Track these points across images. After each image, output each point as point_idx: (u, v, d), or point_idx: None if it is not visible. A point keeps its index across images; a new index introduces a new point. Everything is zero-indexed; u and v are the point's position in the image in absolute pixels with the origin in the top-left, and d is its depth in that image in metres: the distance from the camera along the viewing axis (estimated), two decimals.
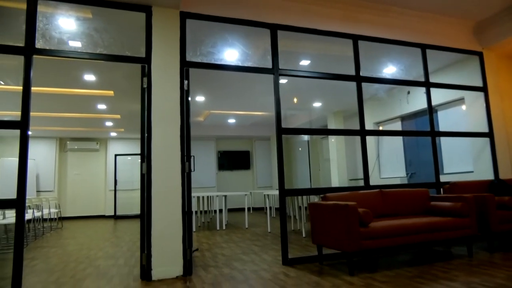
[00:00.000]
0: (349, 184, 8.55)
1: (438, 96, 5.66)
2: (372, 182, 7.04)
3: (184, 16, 3.58)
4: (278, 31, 3.95)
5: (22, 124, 2.96)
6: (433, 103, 4.95)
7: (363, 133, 4.22)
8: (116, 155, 10.90)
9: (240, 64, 4.08)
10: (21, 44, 3.07)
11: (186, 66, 3.53)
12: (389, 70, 5.62)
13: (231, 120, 9.75)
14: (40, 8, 3.24)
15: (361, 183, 4.20)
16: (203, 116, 8.95)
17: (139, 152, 11.06)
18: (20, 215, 2.88)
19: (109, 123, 8.88)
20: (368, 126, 7.47)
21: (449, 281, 2.82)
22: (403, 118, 6.91)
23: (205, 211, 9.94)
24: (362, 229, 3.16)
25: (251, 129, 10.83)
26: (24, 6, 3.12)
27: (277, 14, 3.98)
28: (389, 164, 7.29)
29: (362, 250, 3.13)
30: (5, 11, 3.41)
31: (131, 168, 11.03)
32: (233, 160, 11.61)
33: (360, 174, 8.50)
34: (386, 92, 6.99)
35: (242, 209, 11.24)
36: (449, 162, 5.81)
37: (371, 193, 3.91)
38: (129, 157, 11.06)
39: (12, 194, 9.00)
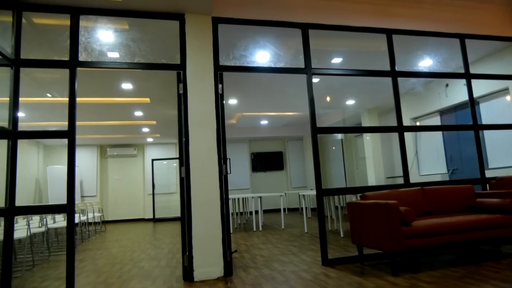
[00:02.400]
0: (386, 182, 8.33)
1: (480, 87, 5.40)
2: (411, 179, 6.83)
3: (216, 21, 3.65)
4: (309, 30, 3.93)
5: (70, 134, 3.14)
6: (475, 95, 4.72)
7: (401, 129, 4.10)
8: (153, 160, 11.24)
9: (272, 65, 4.10)
10: (66, 58, 3.25)
11: (219, 70, 3.59)
12: (426, 63, 5.43)
13: (264, 122, 9.79)
14: (82, 23, 3.43)
15: (399, 181, 4.09)
16: (236, 118, 9.05)
17: (174, 156, 11.38)
18: (70, 219, 3.04)
19: (145, 129, 9.19)
20: (405, 122, 7.26)
21: (502, 282, 2.68)
22: (442, 112, 6.64)
23: (241, 213, 10.03)
24: (404, 228, 3.07)
25: (284, 130, 10.82)
26: (67, 22, 3.30)
27: (308, 13, 3.96)
28: (429, 160, 7.03)
29: (405, 249, 3.04)
30: (49, 28, 3.62)
31: (167, 172, 11.34)
32: (267, 161, 11.63)
33: (398, 172, 8.26)
34: (423, 86, 6.75)
35: (277, 210, 11.23)
36: (494, 157, 5.52)
37: (411, 191, 3.80)
38: (165, 162, 11.38)
39: (59, 199, 9.54)
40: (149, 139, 10.79)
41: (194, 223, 3.33)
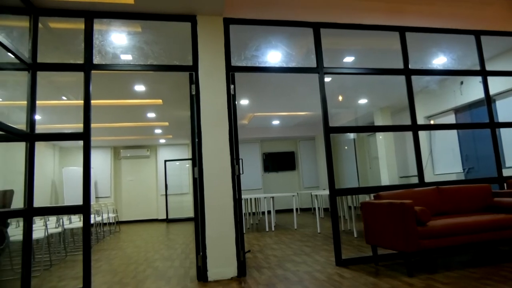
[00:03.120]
0: (400, 182, 8.23)
1: (496, 84, 5.29)
2: (426, 179, 6.73)
3: (228, 22, 3.66)
4: (321, 29, 3.91)
5: (85, 135, 3.19)
6: (491, 92, 4.63)
7: (415, 128, 4.05)
8: (165, 161, 11.34)
9: (284, 65, 4.09)
10: (81, 61, 3.31)
11: (231, 71, 3.60)
12: (440, 61, 5.35)
13: (275, 122, 9.78)
14: (96, 27, 3.48)
15: (413, 180, 4.04)
16: (247, 119, 9.06)
17: (186, 157, 11.45)
18: (86, 219, 3.09)
19: (158, 131, 9.28)
20: (419, 120, 7.16)
21: None
22: (457, 110, 6.53)
23: (253, 213, 10.03)
24: (420, 228, 3.03)
25: (295, 130, 10.79)
26: (82, 26, 3.36)
27: (319, 12, 3.94)
28: (443, 159, 6.92)
29: (420, 250, 3.00)
30: (64, 32, 3.69)
31: (179, 173, 11.43)
32: (278, 162, 11.61)
33: (412, 171, 8.15)
34: (437, 84, 6.65)
35: (289, 210, 11.20)
36: (511, 155, 5.40)
37: (427, 190, 3.74)
38: (177, 163, 11.46)
39: (75, 200, 9.70)
40: (162, 140, 10.90)
41: (207, 224, 3.34)
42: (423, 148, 7.24)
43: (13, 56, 2.88)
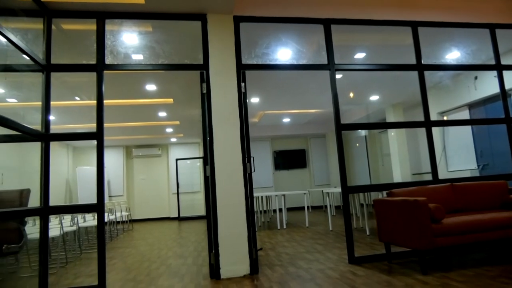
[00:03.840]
0: (413, 179, 8.13)
1: None
2: (439, 175, 6.64)
3: (238, 20, 3.66)
4: (331, 25, 3.88)
5: (98, 135, 3.23)
6: (506, 87, 4.53)
7: (428, 124, 3.99)
8: (177, 160, 11.42)
9: (295, 62, 4.07)
10: (93, 61, 3.35)
11: (242, 69, 3.60)
12: (453, 56, 5.26)
13: (286, 120, 9.75)
14: (107, 27, 3.52)
15: (426, 177, 3.99)
16: (258, 117, 9.06)
17: (197, 156, 11.51)
18: (100, 217, 3.14)
19: (169, 130, 9.35)
20: (432, 116, 7.06)
21: None
22: (471, 105, 6.41)
23: (264, 211, 10.04)
24: (434, 225, 2.99)
25: (306, 127, 10.74)
26: (94, 27, 3.40)
27: (330, 8, 3.91)
28: (457, 156, 6.82)
29: (435, 248, 2.96)
30: (77, 33, 3.74)
31: (190, 172, 11.49)
32: (289, 159, 11.59)
33: (425, 168, 8.05)
34: (451, 79, 6.55)
35: (300, 208, 11.18)
36: None
37: (441, 187, 3.69)
38: (188, 161, 11.53)
39: (88, 199, 9.85)
40: (173, 139, 10.97)
41: (219, 222, 3.36)
42: (436, 145, 7.14)
43: (28, 58, 2.93)
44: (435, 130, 7.10)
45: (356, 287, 2.72)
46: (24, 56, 2.90)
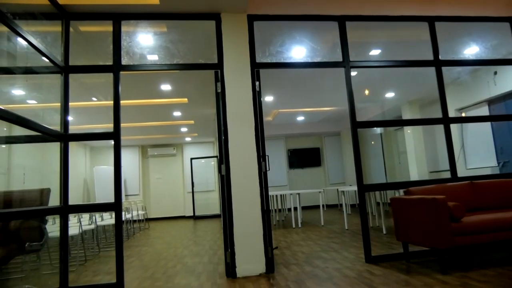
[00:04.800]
0: (430, 177, 7.99)
1: None
2: (458, 173, 6.51)
3: (252, 19, 3.66)
4: (346, 22, 3.84)
5: (115, 135, 3.28)
6: None
7: (446, 121, 3.91)
8: (191, 159, 11.51)
9: (309, 60, 4.05)
10: (110, 62, 3.40)
11: (256, 68, 3.60)
12: (472, 51, 5.13)
13: (300, 118, 9.71)
14: (123, 28, 3.56)
15: (444, 175, 3.91)
16: (272, 115, 9.05)
17: (211, 155, 11.58)
18: (118, 216, 3.19)
19: (184, 129, 9.42)
20: (450, 113, 6.91)
21: None
22: (490, 101, 6.26)
23: (279, 210, 10.03)
24: (453, 224, 2.93)
25: (320, 126, 10.68)
26: (110, 28, 3.45)
27: (344, 5, 3.87)
28: (476, 153, 6.66)
29: (454, 247, 2.90)
30: (93, 35, 3.80)
31: (205, 171, 11.57)
32: (304, 158, 11.54)
33: (442, 166, 7.90)
34: (469, 74, 6.40)
35: (315, 207, 11.12)
36: None
37: (460, 185, 3.61)
38: (202, 160, 11.61)
39: (106, 198, 10.02)
40: (188, 139, 11.07)
41: (235, 220, 3.37)
42: (455, 142, 6.99)
43: (47, 60, 3.00)
44: (453, 127, 6.96)
45: (374, 287, 2.69)
46: (44, 58, 2.96)
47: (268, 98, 7.03)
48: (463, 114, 6.92)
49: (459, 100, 6.82)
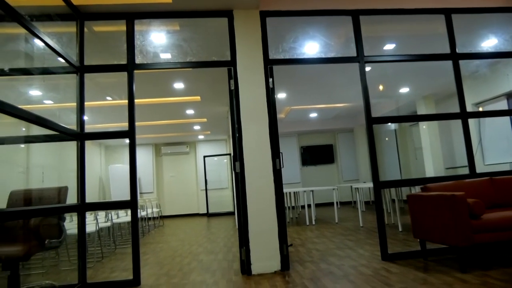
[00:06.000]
0: (446, 173, 7.84)
1: None
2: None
3: (264, 15, 3.63)
4: (360, 16, 3.78)
5: (130, 133, 3.31)
6: None
7: (464, 115, 3.82)
8: (204, 157, 11.57)
9: (323, 55, 4.00)
10: (123, 62, 3.42)
11: (269, 64, 3.58)
12: (491, 43, 5.00)
13: (313, 115, 9.65)
14: (137, 28, 3.59)
15: (461, 171, 3.83)
16: (284, 112, 9.01)
17: (224, 152, 11.61)
18: (134, 214, 3.22)
19: (197, 127, 9.47)
20: (467, 107, 6.77)
21: None
22: (510, 95, 6.09)
23: (292, 207, 10.00)
24: (473, 221, 2.86)
25: (333, 122, 10.59)
26: (123, 28, 3.48)
27: None
28: (495, 148, 6.50)
29: (474, 244, 2.84)
30: (107, 35, 3.84)
31: (218, 169, 11.61)
32: (317, 155, 11.47)
33: (459, 162, 7.74)
34: (488, 68, 6.24)
35: (328, 204, 11.05)
36: None
37: (479, 181, 3.53)
38: (215, 158, 11.65)
39: (121, 196, 10.15)
40: (200, 137, 11.12)
41: (250, 218, 3.37)
42: (472, 137, 6.84)
43: (63, 60, 3.04)
44: (471, 122, 6.81)
45: (391, 285, 2.65)
46: (59, 58, 3.00)
47: (280, 95, 7.00)
48: (480, 109, 6.76)
49: (476, 94, 6.66)
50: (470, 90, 6.74)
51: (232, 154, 3.49)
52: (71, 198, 3.17)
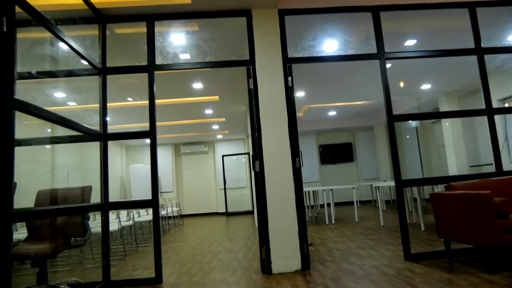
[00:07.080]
0: (470, 171, 7.62)
1: None
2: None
3: (282, 14, 3.62)
4: (380, 12, 3.72)
5: (151, 133, 3.36)
6: None
7: (490, 112, 3.71)
8: (223, 156, 11.63)
9: (342, 53, 3.96)
10: (144, 63, 3.48)
11: (288, 63, 3.57)
12: None
13: (331, 113, 9.56)
14: (157, 29, 3.64)
15: (485, 169, 3.71)
16: (303, 111, 8.96)
17: (243, 151, 11.64)
18: (156, 213, 3.27)
19: (215, 127, 9.53)
20: (492, 103, 6.56)
21: None
22: None
23: (312, 206, 9.94)
24: (500, 221, 2.78)
25: (352, 120, 10.46)
26: (144, 29, 3.53)
27: None
28: None
29: (501, 244, 2.75)
30: (128, 37, 3.91)
31: (236, 168, 11.66)
32: (335, 153, 11.36)
33: (484, 160, 7.51)
34: None
35: (347, 203, 10.93)
36: None
37: (506, 179, 3.41)
38: (234, 157, 11.70)
39: (141, 195, 10.33)
40: (219, 136, 11.19)
41: (270, 217, 3.37)
42: (498, 134, 6.63)
43: (86, 63, 3.11)
44: (496, 119, 6.59)
45: (415, 285, 2.60)
46: (82, 61, 3.08)
47: (299, 94, 6.96)
48: (506, 105, 6.54)
49: (502, 90, 6.45)
50: (496, 86, 6.53)
51: (250, 153, 3.50)
52: (95, 198, 3.25)
